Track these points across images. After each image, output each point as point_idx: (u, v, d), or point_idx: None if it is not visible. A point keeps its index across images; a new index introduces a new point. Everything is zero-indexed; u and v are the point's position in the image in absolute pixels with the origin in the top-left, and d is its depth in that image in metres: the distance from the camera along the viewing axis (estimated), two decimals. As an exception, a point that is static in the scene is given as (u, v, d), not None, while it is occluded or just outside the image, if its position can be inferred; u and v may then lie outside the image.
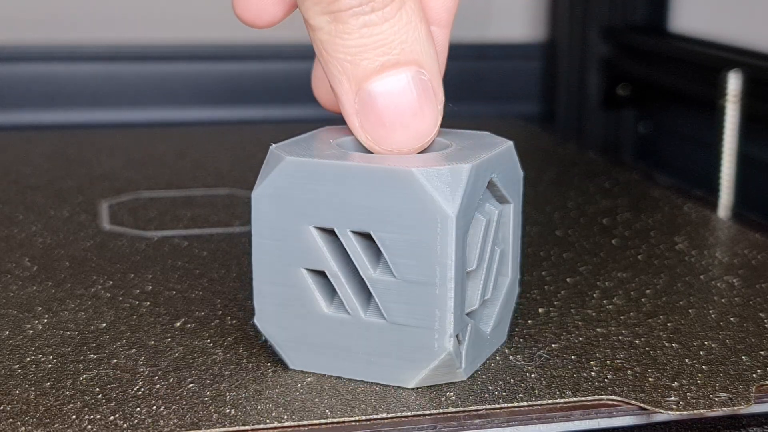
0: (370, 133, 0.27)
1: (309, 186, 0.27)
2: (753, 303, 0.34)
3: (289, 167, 0.27)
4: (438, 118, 0.27)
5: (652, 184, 0.49)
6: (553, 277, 0.36)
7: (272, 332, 0.28)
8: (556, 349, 0.30)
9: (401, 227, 0.26)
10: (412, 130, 0.27)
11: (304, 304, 0.27)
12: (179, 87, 0.66)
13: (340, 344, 0.27)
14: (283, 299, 0.28)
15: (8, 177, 0.50)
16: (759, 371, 0.28)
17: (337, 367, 0.28)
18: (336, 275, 0.27)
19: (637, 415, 0.27)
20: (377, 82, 0.26)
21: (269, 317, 0.28)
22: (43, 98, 0.65)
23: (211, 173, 0.51)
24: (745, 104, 0.46)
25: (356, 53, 0.26)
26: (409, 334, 0.27)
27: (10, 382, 0.27)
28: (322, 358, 0.28)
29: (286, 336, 0.28)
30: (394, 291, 0.26)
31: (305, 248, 0.27)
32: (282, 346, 0.28)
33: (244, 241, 0.40)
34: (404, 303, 0.26)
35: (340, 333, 0.27)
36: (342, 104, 0.27)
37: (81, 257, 0.38)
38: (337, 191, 0.26)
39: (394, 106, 0.26)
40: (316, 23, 0.26)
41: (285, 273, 0.27)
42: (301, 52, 0.66)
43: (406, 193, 0.26)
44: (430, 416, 0.26)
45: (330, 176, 0.26)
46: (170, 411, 0.26)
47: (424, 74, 0.26)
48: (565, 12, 0.69)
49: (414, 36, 0.26)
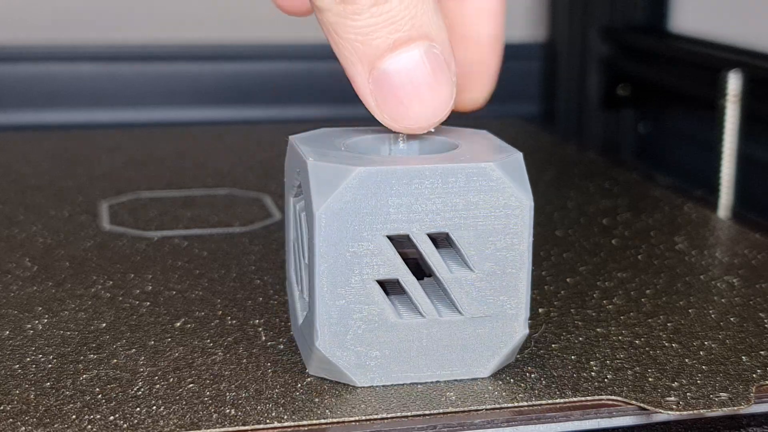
0: (388, 112, 0.27)
1: (380, 194, 0.26)
2: (753, 303, 0.34)
3: (360, 178, 0.26)
4: (453, 90, 0.27)
5: (652, 184, 0.49)
6: (553, 277, 0.36)
7: (338, 354, 0.27)
8: (556, 349, 0.30)
9: (478, 221, 0.26)
10: (429, 104, 0.26)
11: (375, 317, 0.27)
12: (179, 87, 0.66)
13: (412, 350, 0.27)
14: (353, 317, 0.27)
15: (8, 177, 0.50)
16: (759, 371, 0.28)
17: (410, 375, 0.27)
18: (412, 282, 0.27)
19: (637, 415, 0.27)
20: (391, 60, 0.26)
21: (335, 338, 0.27)
22: (43, 98, 0.65)
23: (211, 173, 0.51)
24: (745, 104, 0.46)
25: (367, 33, 0.26)
26: (487, 325, 0.27)
27: (10, 382, 0.27)
28: (394, 368, 0.27)
29: (353, 355, 0.27)
30: (473, 285, 0.27)
31: (378, 259, 0.26)
32: (349, 366, 0.27)
33: (244, 241, 0.40)
34: (482, 295, 0.27)
35: (413, 339, 0.27)
36: (356, 85, 0.27)
37: (81, 257, 0.38)
38: (411, 196, 0.26)
39: (410, 83, 0.26)
40: (323, 4, 0.26)
41: (355, 288, 0.26)
42: (301, 52, 0.66)
43: (484, 187, 0.26)
44: (431, 416, 0.26)
45: (404, 181, 0.26)
46: (170, 411, 0.26)
47: (436, 47, 0.26)
48: (565, 12, 0.69)
49: (422, 9, 0.26)
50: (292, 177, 0.29)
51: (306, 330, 0.28)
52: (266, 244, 0.40)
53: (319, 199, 0.26)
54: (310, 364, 0.28)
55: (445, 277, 0.27)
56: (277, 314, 0.32)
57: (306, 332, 0.28)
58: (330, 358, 0.27)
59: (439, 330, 0.27)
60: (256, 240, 0.40)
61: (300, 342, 0.29)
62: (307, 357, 0.28)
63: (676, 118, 0.63)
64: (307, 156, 0.26)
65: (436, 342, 0.27)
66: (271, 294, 0.34)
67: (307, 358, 0.28)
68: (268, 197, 0.46)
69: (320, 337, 0.27)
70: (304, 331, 0.28)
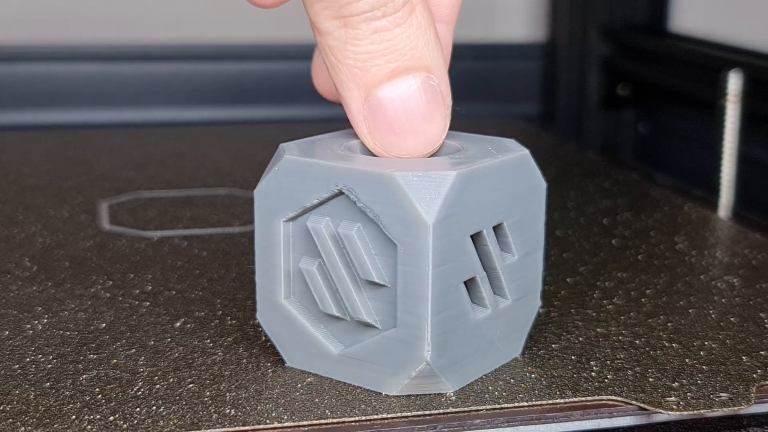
0: (379, 140, 0.27)
1: (466, 196, 0.26)
2: (753, 303, 0.34)
3: (459, 181, 0.25)
4: (446, 123, 0.27)
5: (652, 184, 0.49)
6: (553, 277, 0.36)
7: (442, 364, 0.26)
8: (556, 349, 0.30)
9: (517, 208, 0.28)
10: (422, 135, 0.26)
11: (463, 318, 0.27)
12: (179, 87, 0.66)
13: (482, 343, 0.28)
14: (453, 323, 0.27)
15: (8, 177, 0.50)
16: (759, 371, 0.28)
17: (481, 367, 0.28)
18: (484, 277, 0.27)
19: (637, 416, 0.27)
20: (387, 88, 0.26)
21: (443, 349, 0.26)
22: (43, 98, 0.65)
23: (211, 173, 0.51)
24: (745, 104, 0.46)
25: (366, 59, 0.26)
26: (520, 307, 0.29)
27: (10, 382, 0.27)
28: (470, 364, 0.27)
29: (450, 360, 0.27)
30: (513, 270, 0.28)
31: (466, 260, 0.26)
32: (447, 373, 0.27)
33: (244, 241, 0.40)
34: (517, 279, 0.28)
35: (482, 332, 0.28)
36: (350, 111, 0.27)
37: (81, 257, 0.38)
38: (482, 193, 0.26)
39: (405, 113, 0.26)
40: (324, 27, 0.26)
41: (456, 295, 0.26)
42: (301, 52, 0.66)
43: (525, 176, 0.28)
44: (430, 416, 0.26)
45: (478, 180, 0.26)
46: (170, 411, 0.26)
47: (433, 79, 0.26)
48: (565, 12, 0.69)
49: (423, 41, 0.26)
50: (297, 196, 0.27)
51: (381, 353, 0.27)
52: (266, 244, 0.40)
53: (428, 210, 0.25)
54: (396, 386, 0.27)
55: (501, 265, 0.28)
56: (277, 314, 0.32)
57: (380, 355, 0.27)
58: (437, 371, 0.26)
59: (496, 320, 0.28)
60: (256, 240, 0.40)
61: (336, 371, 0.28)
62: (386, 381, 0.27)
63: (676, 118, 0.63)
64: (376, 169, 0.26)
65: (493, 332, 0.28)
66: (271, 294, 0.34)
67: (387, 382, 0.27)
68: (268, 197, 0.46)
69: (432, 352, 0.26)
70: (370, 357, 0.27)
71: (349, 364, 0.27)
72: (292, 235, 0.27)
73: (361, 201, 0.26)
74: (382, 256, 0.26)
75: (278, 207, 0.27)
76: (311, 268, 0.27)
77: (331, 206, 0.27)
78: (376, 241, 0.26)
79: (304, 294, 0.28)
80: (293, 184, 0.27)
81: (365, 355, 0.27)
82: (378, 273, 0.26)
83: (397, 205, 0.25)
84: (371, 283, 0.26)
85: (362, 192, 0.26)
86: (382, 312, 0.26)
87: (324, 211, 0.27)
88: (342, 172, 0.26)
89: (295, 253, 0.28)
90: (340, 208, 0.26)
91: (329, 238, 0.27)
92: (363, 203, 0.26)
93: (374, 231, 0.26)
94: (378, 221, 0.26)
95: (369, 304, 0.27)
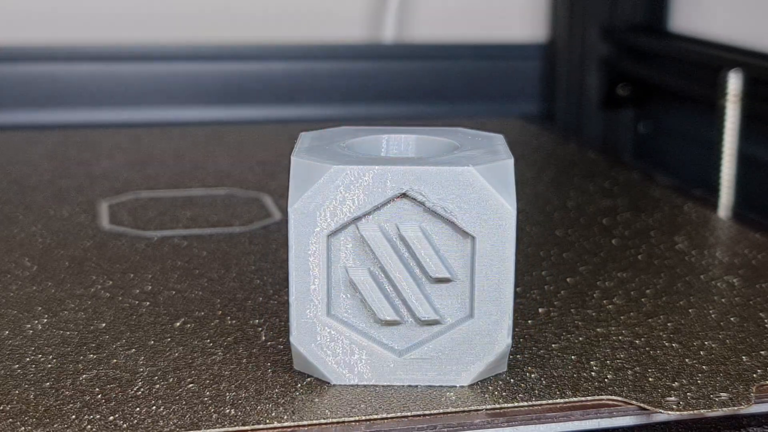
0: None
1: None
2: (753, 303, 0.34)
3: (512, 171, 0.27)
4: None
5: (652, 184, 0.49)
6: (553, 277, 0.36)
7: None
8: (556, 349, 0.30)
9: None
10: None
11: None
12: (179, 87, 0.66)
13: None
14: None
15: (8, 177, 0.50)
16: (759, 371, 0.28)
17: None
18: None
19: (637, 415, 0.27)
20: None
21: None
22: (43, 98, 0.65)
23: (211, 173, 0.51)
24: (745, 104, 0.46)
25: None
26: None
27: (10, 382, 0.27)
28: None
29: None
30: None
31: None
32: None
33: (244, 241, 0.40)
34: None
35: None
36: None
37: (81, 257, 0.38)
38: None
39: None
40: None
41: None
42: (301, 52, 0.66)
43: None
44: (430, 416, 0.26)
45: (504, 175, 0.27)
46: (170, 411, 0.26)
47: None
48: (565, 12, 0.69)
49: None
50: (345, 208, 0.27)
51: (453, 347, 0.27)
52: (266, 244, 0.40)
53: (508, 198, 0.26)
54: (471, 374, 0.27)
55: None
56: (277, 314, 0.32)
57: (453, 350, 0.27)
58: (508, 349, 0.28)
59: None
60: (255, 240, 0.40)
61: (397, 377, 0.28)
62: (461, 373, 0.27)
63: (676, 118, 0.63)
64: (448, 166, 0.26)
65: None
66: (271, 294, 0.34)
67: (462, 374, 0.27)
68: (268, 197, 0.46)
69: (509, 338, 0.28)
70: (440, 354, 0.27)
71: (413, 366, 0.27)
72: (334, 248, 0.27)
73: (430, 200, 0.26)
74: (450, 251, 0.27)
75: (319, 222, 0.27)
76: (365, 277, 0.27)
77: (386, 211, 0.27)
78: (441, 239, 0.27)
79: (352, 307, 0.27)
80: (337, 196, 0.26)
81: (434, 353, 0.27)
82: (449, 269, 0.27)
83: (475, 198, 0.26)
84: (438, 281, 0.27)
85: (432, 191, 0.26)
86: (449, 307, 0.27)
87: (376, 218, 0.27)
88: (406, 174, 0.26)
89: (338, 267, 0.27)
90: (395, 212, 0.27)
91: (388, 243, 0.27)
92: (433, 202, 0.26)
93: (437, 228, 0.27)
94: (452, 217, 0.26)
95: (435, 302, 0.27)
